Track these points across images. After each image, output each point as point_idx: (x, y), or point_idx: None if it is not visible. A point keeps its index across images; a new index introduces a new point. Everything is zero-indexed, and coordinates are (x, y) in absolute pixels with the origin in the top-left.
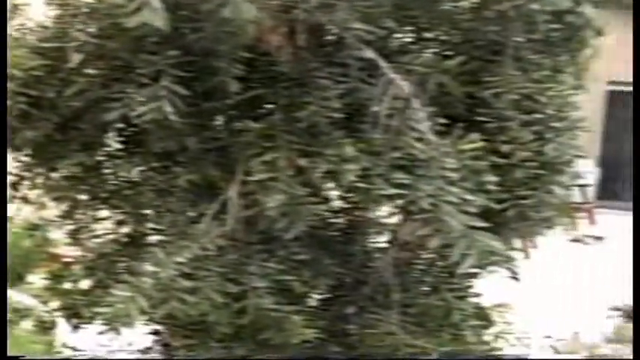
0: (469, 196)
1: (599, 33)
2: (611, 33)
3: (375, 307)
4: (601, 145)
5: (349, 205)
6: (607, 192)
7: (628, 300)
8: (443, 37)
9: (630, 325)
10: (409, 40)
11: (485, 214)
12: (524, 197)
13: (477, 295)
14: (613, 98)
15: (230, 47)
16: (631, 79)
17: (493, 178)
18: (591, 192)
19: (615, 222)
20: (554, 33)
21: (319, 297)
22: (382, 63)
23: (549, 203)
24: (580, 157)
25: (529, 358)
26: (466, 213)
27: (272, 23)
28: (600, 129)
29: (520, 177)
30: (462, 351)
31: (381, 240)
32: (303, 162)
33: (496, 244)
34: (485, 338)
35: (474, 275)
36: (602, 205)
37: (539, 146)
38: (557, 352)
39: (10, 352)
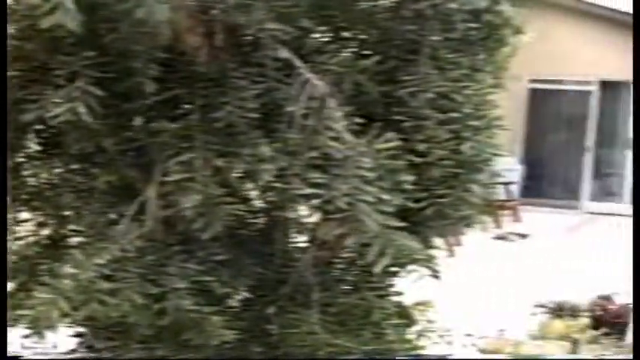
0: (385, 196)
1: (517, 31)
2: (530, 31)
3: (295, 306)
4: (524, 143)
5: (268, 205)
6: (531, 189)
7: (552, 297)
8: (361, 37)
9: (555, 322)
10: (326, 39)
11: (402, 213)
12: (442, 196)
13: (398, 293)
14: (535, 96)
15: (146, 48)
16: (552, 77)
17: (410, 177)
18: (515, 190)
19: (539, 219)
20: (472, 32)
21: (239, 297)
22: (298, 63)
23: (467, 201)
24: (498, 155)
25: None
26: (382, 212)
27: (189, 23)
28: (523, 127)
29: (437, 175)
30: (384, 350)
31: (301, 239)
32: (219, 162)
33: (412, 243)
34: (408, 336)
35: (395, 274)
36: (526, 203)
37: (456, 145)
38: (481, 350)
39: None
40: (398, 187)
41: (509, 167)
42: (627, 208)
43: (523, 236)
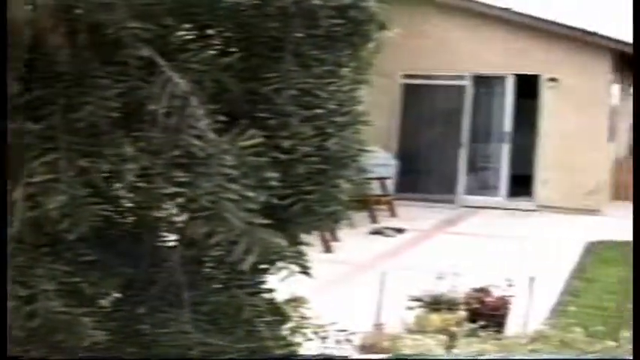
0: (250, 193)
1: (382, 27)
2: (400, 27)
3: (166, 306)
4: (399, 138)
5: (134, 205)
6: (407, 184)
7: (429, 290)
8: (226, 34)
9: (432, 316)
10: (190, 37)
11: (269, 210)
12: (308, 192)
13: (270, 290)
14: (410, 91)
15: (8, 47)
16: (426, 73)
17: (275, 174)
18: (391, 185)
19: (416, 214)
20: (336, 28)
21: (110, 298)
22: (160, 61)
23: (334, 197)
24: (364, 151)
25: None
26: (247, 210)
27: (51, 22)
28: (398, 122)
29: (303, 172)
30: (257, 347)
31: (170, 239)
32: (83, 162)
33: (279, 240)
34: (282, 333)
35: (265, 271)
36: (402, 198)
37: (321, 141)
38: (359, 345)
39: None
40: (263, 184)
41: (385, 163)
42: (503, 201)
43: (399, 231)
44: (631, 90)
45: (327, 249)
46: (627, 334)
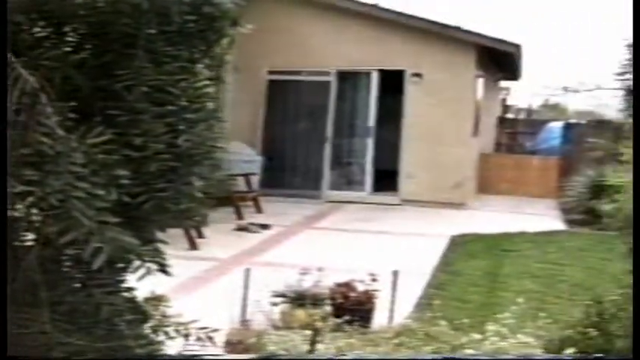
0: (100, 191)
1: (235, 23)
2: (250, 23)
3: (25, 306)
4: (265, 134)
5: None
6: (272, 180)
7: (293, 285)
8: (80, 31)
9: (297, 311)
10: (43, 34)
11: (121, 208)
12: (161, 190)
13: (130, 289)
14: (275, 87)
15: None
16: (291, 69)
17: (126, 172)
18: (256, 181)
19: (281, 209)
20: (190, 24)
21: None
22: (11, 58)
23: (187, 195)
24: (218, 147)
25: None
26: (97, 208)
27: None
28: (263, 118)
29: (155, 170)
30: (118, 346)
31: (27, 238)
32: None
33: (129, 238)
34: (143, 332)
35: (124, 270)
36: (267, 194)
37: (172, 138)
38: (224, 342)
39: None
40: (113, 182)
41: (250, 159)
42: (368, 195)
43: (265, 227)
44: (496, 85)
45: (193, 246)
46: (492, 327)
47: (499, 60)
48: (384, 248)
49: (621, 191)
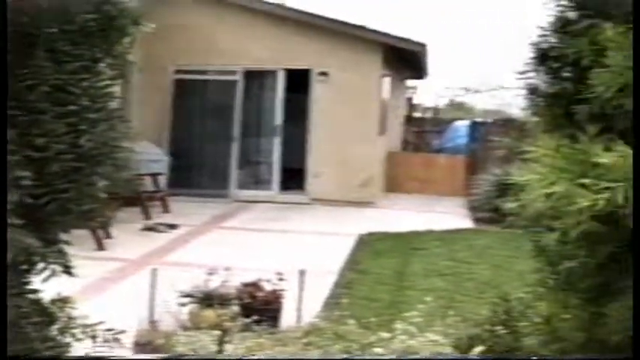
0: None
1: (136, 22)
2: (157, 22)
3: None
4: (171, 134)
5: None
6: (180, 180)
7: (201, 286)
8: None
9: (206, 312)
10: None
11: (23, 209)
12: (63, 190)
13: (35, 291)
14: (181, 86)
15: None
16: (197, 68)
17: (27, 173)
18: (164, 181)
19: (189, 209)
20: (90, 23)
21: None
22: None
23: (90, 195)
24: (120, 147)
25: None
26: None
27: None
28: (170, 118)
29: (57, 170)
30: (25, 349)
31: None
32: None
33: (31, 240)
34: (50, 334)
35: (28, 272)
36: (175, 193)
37: (74, 138)
38: (134, 343)
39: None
40: (15, 183)
41: (157, 158)
42: (275, 194)
43: (172, 227)
44: (402, 83)
45: (100, 246)
46: (401, 325)
47: (405, 59)
48: (292, 247)
49: (525, 190)
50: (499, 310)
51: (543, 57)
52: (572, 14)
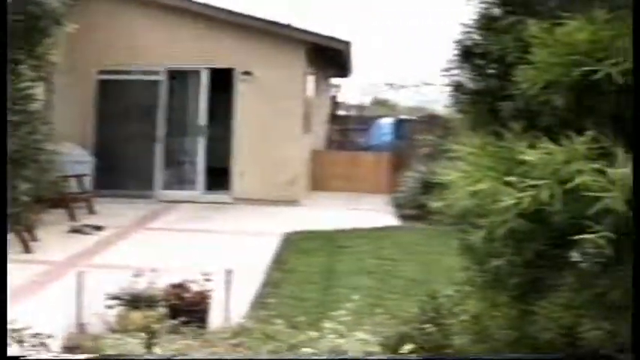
0: None
1: (58, 23)
2: (79, 23)
3: None
4: (96, 135)
5: None
6: (105, 181)
7: (128, 287)
8: None
9: (132, 314)
10: None
11: None
12: None
13: None
14: (105, 87)
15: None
16: (121, 68)
17: None
18: (88, 182)
19: (115, 210)
20: (14, 24)
21: None
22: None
23: (14, 199)
24: (44, 149)
25: None
26: None
27: None
28: (94, 119)
29: None
30: None
31: None
32: None
33: None
34: None
35: None
36: (100, 195)
37: None
38: (62, 347)
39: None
40: None
41: (81, 160)
42: (201, 195)
43: (98, 228)
44: (327, 82)
45: (26, 249)
46: (329, 324)
47: (330, 57)
48: (218, 247)
49: (450, 188)
50: (427, 308)
51: (467, 54)
52: (497, 11)
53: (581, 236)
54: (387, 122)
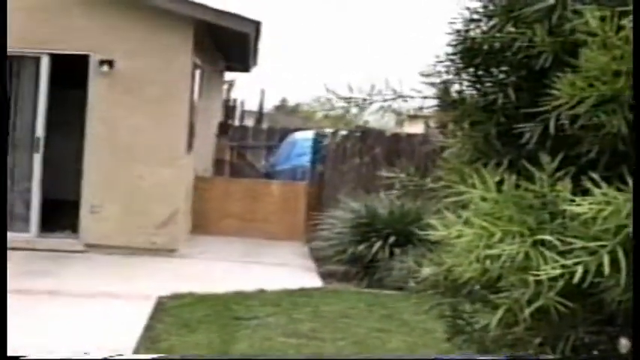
0: None
1: None
2: None
3: None
4: None
5: None
6: None
7: None
8: None
9: None
10: None
11: None
12: None
13: None
14: None
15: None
16: None
17: None
18: None
19: None
20: None
21: None
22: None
23: None
24: None
25: None
26: None
27: None
28: None
29: None
30: None
31: None
32: None
33: None
34: None
35: None
36: None
37: None
38: None
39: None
40: None
41: None
42: (35, 238)
43: None
44: (219, 78)
45: None
46: None
47: (227, 43)
48: (65, 317)
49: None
50: None
51: (471, 52)
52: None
53: None
54: (304, 137)
